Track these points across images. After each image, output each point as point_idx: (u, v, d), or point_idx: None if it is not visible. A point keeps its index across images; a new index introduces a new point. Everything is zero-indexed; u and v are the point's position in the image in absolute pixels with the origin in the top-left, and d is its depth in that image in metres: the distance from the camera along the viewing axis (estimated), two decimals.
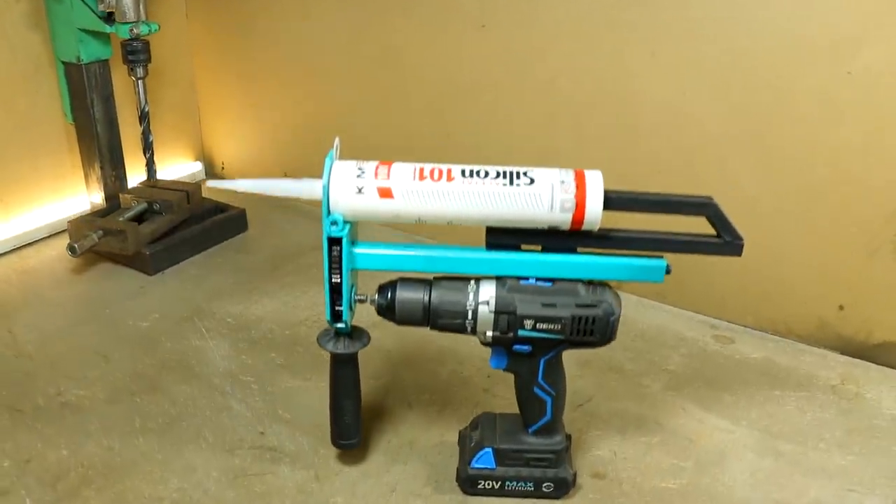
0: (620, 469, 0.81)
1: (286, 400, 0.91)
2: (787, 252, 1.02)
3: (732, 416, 0.90)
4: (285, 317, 1.09)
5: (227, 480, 0.78)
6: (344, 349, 0.72)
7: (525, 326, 0.68)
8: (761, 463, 0.82)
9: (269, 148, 1.53)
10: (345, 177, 0.65)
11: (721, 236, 0.67)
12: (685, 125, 1.03)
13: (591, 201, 0.64)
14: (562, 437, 0.75)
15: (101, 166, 1.30)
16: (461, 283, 0.69)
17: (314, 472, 0.79)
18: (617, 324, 0.68)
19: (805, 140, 0.95)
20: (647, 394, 0.94)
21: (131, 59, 1.20)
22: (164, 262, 1.21)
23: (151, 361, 0.97)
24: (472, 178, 0.64)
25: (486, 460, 0.75)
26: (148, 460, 0.80)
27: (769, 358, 1.02)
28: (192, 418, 0.87)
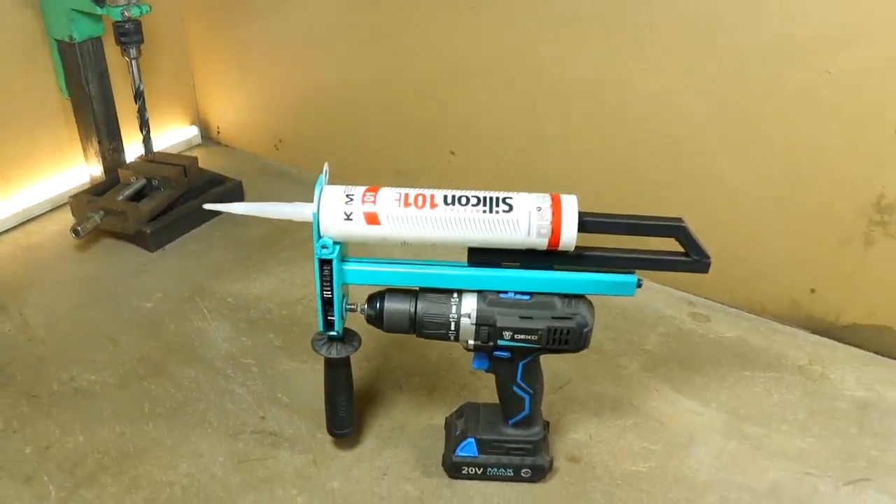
0: (595, 453, 0.88)
1: (284, 383, 0.97)
2: (765, 237, 1.07)
3: (703, 398, 0.96)
4: (282, 295, 1.14)
5: (231, 465, 0.85)
6: (337, 354, 0.77)
7: (504, 337, 0.73)
8: (726, 446, 0.89)
9: (264, 115, 1.55)
10: (334, 203, 0.68)
11: (689, 255, 0.71)
12: (671, 117, 1.06)
13: (566, 226, 0.67)
14: (539, 428, 0.81)
15: (99, 140, 1.33)
16: (444, 296, 0.74)
17: (312, 456, 0.86)
18: (590, 334, 0.74)
19: (786, 136, 0.98)
20: (624, 375, 1.00)
21: (124, 40, 1.21)
22: (164, 239, 1.26)
23: (156, 344, 1.03)
24: (454, 206, 0.68)
25: (470, 449, 0.82)
26: (158, 446, 0.87)
27: (742, 338, 1.08)
28: (197, 403, 0.93)
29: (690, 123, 1.05)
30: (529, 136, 1.20)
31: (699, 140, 1.05)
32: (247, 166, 1.53)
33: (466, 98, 1.24)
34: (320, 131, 1.47)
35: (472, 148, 1.28)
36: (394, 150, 1.38)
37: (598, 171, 1.15)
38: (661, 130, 1.08)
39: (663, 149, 1.09)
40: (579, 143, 1.15)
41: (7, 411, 0.91)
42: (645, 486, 0.83)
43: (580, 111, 1.13)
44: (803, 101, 0.95)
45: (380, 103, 1.35)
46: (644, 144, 1.10)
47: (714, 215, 1.08)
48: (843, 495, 0.83)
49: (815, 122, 0.95)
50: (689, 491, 0.83)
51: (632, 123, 1.10)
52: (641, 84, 1.06)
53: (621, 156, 1.12)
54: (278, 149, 1.55)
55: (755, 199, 1.04)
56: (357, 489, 0.82)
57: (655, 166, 1.10)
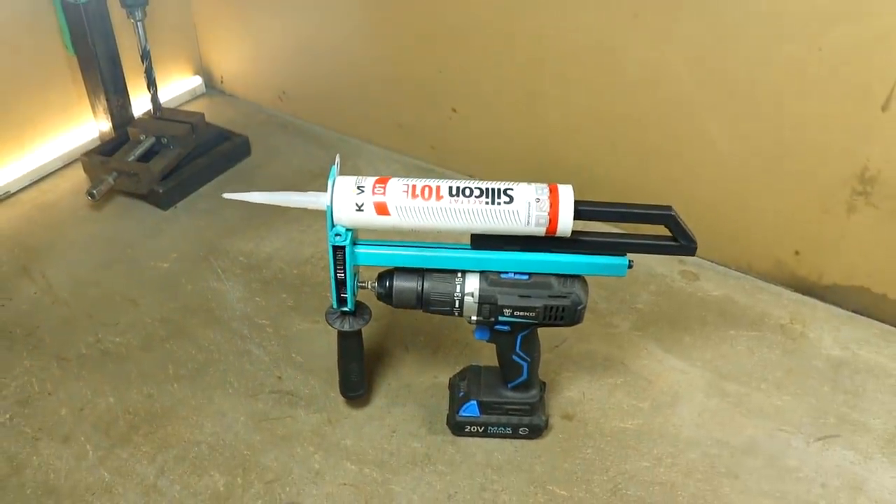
0: (587, 410, 0.95)
1: (298, 343, 1.03)
2: (753, 201, 1.11)
3: (689, 357, 1.03)
4: (293, 254, 1.19)
5: (252, 424, 0.92)
6: (350, 327, 0.83)
7: (504, 314, 0.79)
8: (708, 403, 0.96)
9: (267, 65, 1.56)
10: (346, 195, 0.73)
11: (678, 241, 0.77)
12: (662, 83, 1.08)
13: (562, 215, 0.72)
14: (536, 390, 0.88)
15: (107, 98, 1.35)
16: (449, 276, 0.79)
17: (326, 415, 0.93)
18: (584, 311, 0.79)
19: (775, 106, 1.01)
20: (616, 334, 1.06)
21: (129, 2, 1.22)
22: (176, 197, 1.30)
23: (175, 305, 1.09)
24: (459, 198, 0.72)
25: (472, 410, 0.89)
26: (184, 406, 0.94)
27: (729, 296, 1.14)
28: (217, 364, 1.00)
29: (682, 90, 1.08)
30: (528, 95, 1.22)
31: (690, 106, 1.08)
32: (251, 118, 1.56)
33: (467, 56, 1.26)
34: (323, 83, 1.49)
35: (473, 105, 1.31)
36: (396, 104, 1.40)
37: (594, 129, 1.19)
38: (654, 94, 1.11)
39: (656, 111, 1.12)
40: (576, 104, 1.18)
41: (41, 374, 0.97)
42: (632, 443, 0.91)
43: (577, 74, 1.15)
44: (793, 74, 0.98)
45: (383, 58, 1.37)
46: (638, 106, 1.13)
47: (704, 177, 1.13)
48: (813, 451, 0.90)
49: (804, 95, 0.99)
50: (672, 447, 0.91)
51: (626, 86, 1.12)
52: (635, 50, 1.08)
53: (616, 116, 1.16)
54: (282, 100, 1.57)
55: (744, 163, 1.09)
56: (368, 446, 0.90)
57: (648, 127, 1.14)
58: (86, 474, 0.86)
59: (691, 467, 0.88)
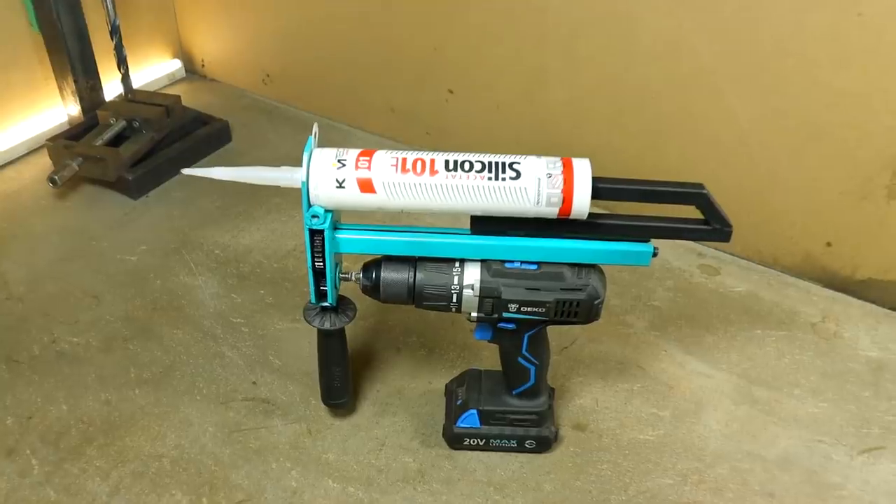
0: (601, 420, 0.84)
1: (276, 344, 0.93)
2: (780, 187, 1.01)
3: (712, 359, 0.93)
4: (273, 247, 1.09)
5: (222, 436, 0.81)
6: (331, 325, 0.72)
7: (509, 309, 0.68)
8: (736, 411, 0.86)
9: (251, 47, 1.46)
10: (324, 169, 0.62)
11: (710, 224, 0.66)
12: (681, 55, 0.98)
13: (578, 194, 0.62)
14: (545, 398, 0.78)
15: (75, 78, 1.25)
16: (446, 265, 0.68)
17: (306, 426, 0.83)
18: (601, 306, 0.69)
19: (807, 80, 0.91)
20: (630, 334, 0.96)
21: None
22: (148, 185, 1.19)
23: (142, 302, 0.98)
24: (456, 172, 0.62)
25: (472, 420, 0.78)
26: (145, 414, 0.83)
27: (753, 292, 1.03)
28: (185, 367, 0.89)
29: (702, 63, 0.97)
30: (532, 73, 1.12)
31: (711, 80, 0.98)
32: (233, 103, 1.45)
33: (465, 32, 1.15)
34: (311, 65, 1.39)
35: (471, 86, 1.20)
36: (388, 85, 1.30)
37: (603, 110, 1.08)
38: (670, 69, 1.00)
39: (672, 88, 1.01)
40: (584, 81, 1.08)
41: None
42: (653, 456, 0.80)
43: (586, 47, 1.05)
44: (828, 44, 0.88)
45: (373, 35, 1.26)
46: (652, 83, 1.03)
47: (726, 160, 1.02)
48: (858, 465, 0.80)
49: (840, 67, 0.88)
50: (698, 461, 0.80)
51: (640, 60, 1.02)
52: (650, 19, 0.98)
53: (629, 93, 1.05)
54: (266, 84, 1.46)
55: (771, 144, 0.98)
56: (353, 461, 0.79)
57: (664, 106, 1.03)
58: (29, 493, 0.75)
59: (721, 484, 0.78)
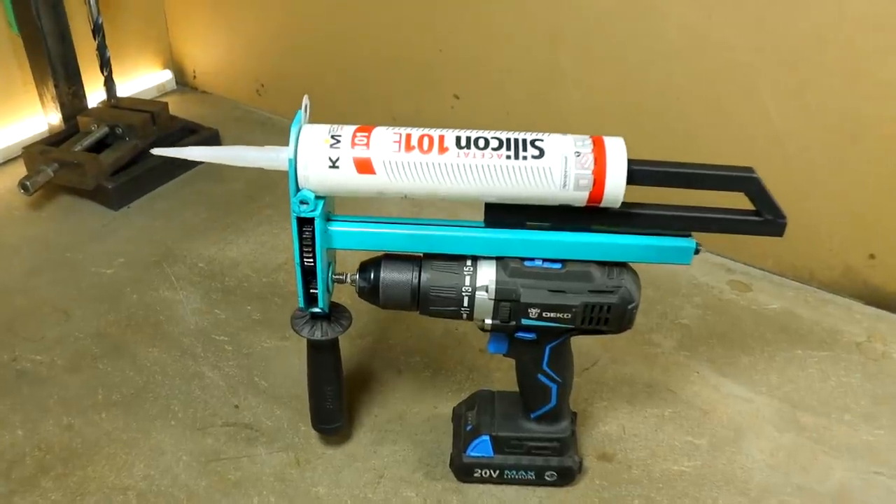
0: (630, 449, 0.74)
1: (263, 364, 0.83)
2: (817, 192, 0.92)
3: (750, 381, 0.83)
4: (263, 260, 1.00)
5: (198, 466, 0.71)
6: (322, 335, 0.63)
7: (529, 315, 0.59)
8: (781, 439, 0.76)
9: (245, 56, 1.38)
10: (315, 147, 0.53)
11: (761, 214, 0.57)
12: (709, 50, 0.90)
13: (612, 177, 0.53)
14: (567, 423, 0.68)
15: (56, 83, 1.17)
16: (456, 264, 0.59)
17: (294, 455, 0.73)
18: (635, 312, 0.59)
19: (848, 71, 0.83)
20: (658, 354, 0.86)
21: None
22: (130, 195, 1.11)
23: (115, 318, 0.89)
24: (470, 150, 0.53)
25: (484, 448, 0.68)
26: (112, 441, 0.73)
27: (789, 309, 0.94)
28: (159, 388, 0.79)
29: (732, 58, 0.89)
30: (545, 74, 1.04)
31: (742, 76, 0.90)
32: (225, 114, 1.37)
33: (472, 32, 1.08)
34: (307, 73, 1.31)
35: (479, 90, 1.13)
36: (389, 92, 1.22)
37: (622, 112, 1.00)
38: (697, 65, 0.92)
39: (699, 86, 0.93)
40: (602, 81, 1.00)
41: None
42: (690, 490, 0.70)
43: (603, 42, 0.97)
44: (874, 28, 0.80)
45: (373, 40, 1.19)
46: (676, 81, 0.94)
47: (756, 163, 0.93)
48: None
49: (887, 54, 0.80)
50: (742, 495, 0.70)
51: (662, 56, 0.94)
52: (675, 11, 0.90)
53: (651, 93, 0.97)
54: (260, 94, 1.39)
55: (806, 144, 0.90)
56: (347, 496, 0.69)
57: (688, 106, 0.95)
58: None
59: None
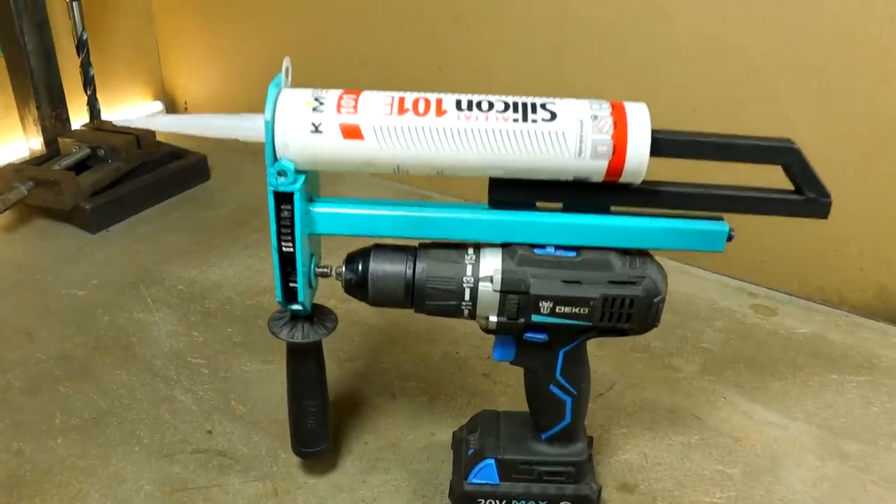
0: (654, 479, 0.65)
1: (242, 388, 0.75)
2: (845, 206, 0.85)
3: (783, 407, 0.74)
4: (247, 283, 0.92)
5: (161, 496, 0.62)
6: (303, 338, 0.55)
7: (541, 311, 0.51)
8: (824, 469, 0.67)
9: (236, 86, 1.34)
10: (296, 111, 0.47)
11: (802, 192, 0.50)
12: (726, 56, 0.85)
13: (634, 144, 0.46)
14: (583, 444, 0.59)
15: (38, 105, 1.12)
16: (456, 253, 0.52)
17: (272, 484, 0.64)
18: (662, 307, 0.52)
19: (876, 71, 0.78)
20: (679, 379, 0.78)
21: None
22: (109, 219, 1.04)
23: (83, 340, 0.81)
24: (472, 112, 0.47)
25: (488, 474, 0.59)
26: (66, 468, 0.64)
27: (820, 333, 0.86)
28: (125, 412, 0.71)
29: (750, 64, 0.84)
30: (551, 88, 0.98)
31: (761, 83, 0.85)
32: (215, 145, 1.31)
33: (473, 50, 1.03)
34: None
35: None
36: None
37: None
38: (712, 73, 0.87)
39: (714, 93, 0.88)
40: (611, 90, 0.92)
41: None
42: None
43: (613, 53, 0.92)
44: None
45: (369, 59, 1.14)
46: (690, 88, 0.89)
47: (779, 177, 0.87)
48: None
49: None
50: None
51: (676, 65, 0.89)
52: (688, 16, 0.86)
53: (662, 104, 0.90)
54: None
55: (833, 153, 0.84)
56: None
57: (703, 115, 0.90)
58: None
59: None
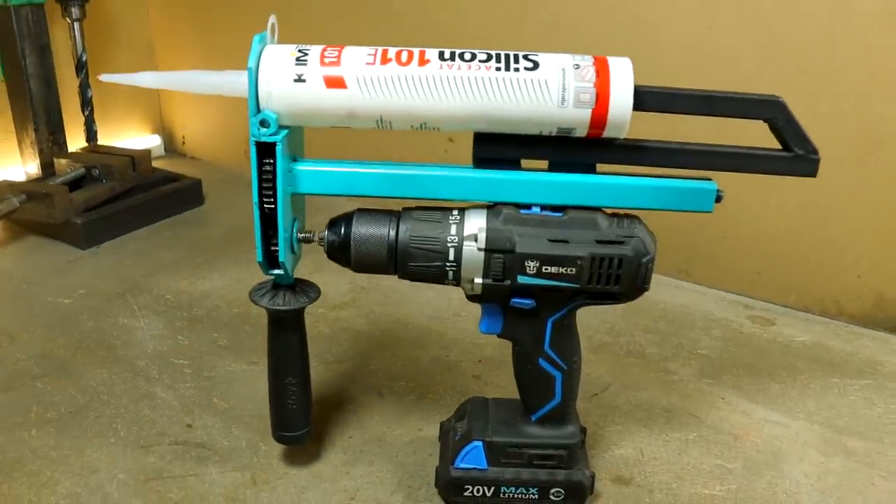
0: (650, 472, 0.63)
1: (225, 386, 0.73)
2: (840, 212, 0.85)
3: (784, 407, 0.72)
4: (236, 293, 0.91)
5: (135, 484, 0.59)
6: (283, 304, 0.53)
7: (527, 271, 0.50)
8: (829, 464, 0.64)
9: (234, 120, 1.35)
10: (280, 61, 0.47)
11: (791, 149, 0.50)
12: (713, 65, 0.86)
13: (617, 92, 0.46)
14: (575, 427, 0.57)
15: (36, 128, 1.13)
16: (440, 213, 0.51)
17: (250, 474, 0.61)
18: (651, 268, 0.51)
19: (864, 70, 0.78)
20: (675, 381, 0.76)
21: None
22: (100, 235, 1.03)
23: (65, 342, 0.79)
24: (454, 62, 0.46)
25: (476, 458, 0.57)
26: (38, 458, 0.62)
27: (819, 342, 0.84)
28: (103, 408, 0.69)
29: (737, 71, 0.85)
30: None
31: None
32: (212, 175, 1.32)
33: None
34: None
35: None
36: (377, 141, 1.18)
37: None
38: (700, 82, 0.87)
39: None
40: None
41: None
42: None
43: None
44: (888, 21, 0.76)
45: None
46: None
47: (769, 191, 0.87)
48: None
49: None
50: None
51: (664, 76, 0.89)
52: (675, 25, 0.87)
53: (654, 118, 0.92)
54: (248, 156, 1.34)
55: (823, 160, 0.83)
56: None
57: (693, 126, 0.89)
58: None
59: None
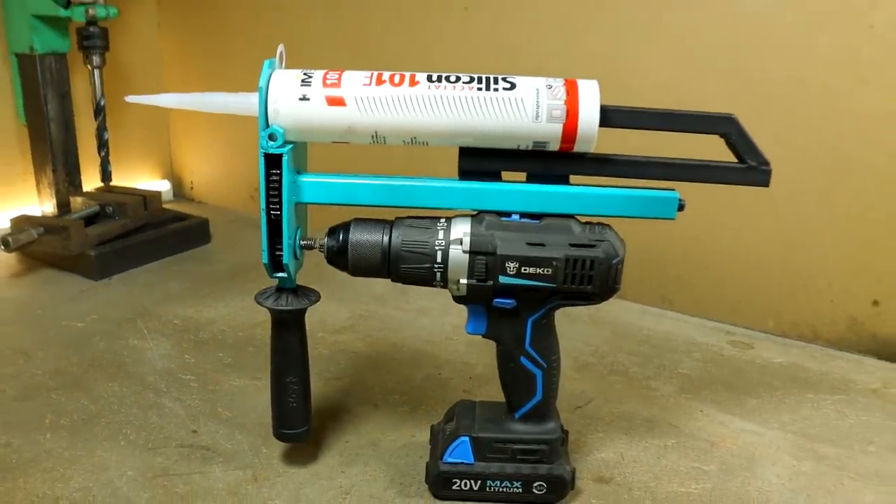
0: (629, 473, 0.66)
1: (229, 399, 0.77)
2: (810, 240, 0.90)
3: (760, 419, 0.76)
4: (241, 319, 0.96)
5: (143, 480, 0.63)
6: (286, 305, 0.58)
7: (507, 271, 0.55)
8: (800, 467, 0.68)
9: (241, 167, 1.43)
10: (287, 83, 0.53)
11: (744, 161, 0.55)
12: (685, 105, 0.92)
13: (585, 109, 0.52)
14: (556, 424, 0.61)
15: (54, 169, 1.20)
16: (429, 221, 0.57)
17: (252, 472, 0.65)
18: (621, 269, 0.56)
19: (825, 107, 0.85)
20: (657, 397, 0.80)
21: (87, 44, 1.11)
22: (112, 267, 1.09)
23: (78, 360, 0.84)
24: (441, 83, 0.53)
25: (463, 452, 0.61)
26: (51, 457, 0.66)
27: (796, 363, 0.88)
28: (113, 415, 0.73)
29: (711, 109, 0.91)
30: None
31: None
32: (219, 218, 1.39)
33: None
34: None
35: None
36: None
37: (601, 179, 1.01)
38: None
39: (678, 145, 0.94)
40: None
41: None
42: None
43: None
44: (843, 63, 0.83)
45: None
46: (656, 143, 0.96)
47: (745, 223, 0.93)
48: None
49: (859, 87, 0.82)
50: None
51: None
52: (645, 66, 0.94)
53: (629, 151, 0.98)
54: (255, 199, 1.41)
55: (793, 190, 0.89)
56: None
57: None
58: None
59: None
